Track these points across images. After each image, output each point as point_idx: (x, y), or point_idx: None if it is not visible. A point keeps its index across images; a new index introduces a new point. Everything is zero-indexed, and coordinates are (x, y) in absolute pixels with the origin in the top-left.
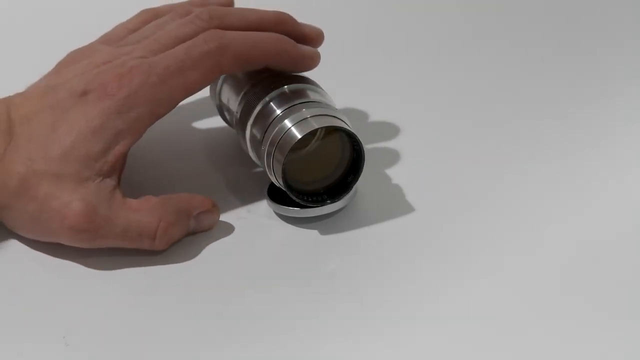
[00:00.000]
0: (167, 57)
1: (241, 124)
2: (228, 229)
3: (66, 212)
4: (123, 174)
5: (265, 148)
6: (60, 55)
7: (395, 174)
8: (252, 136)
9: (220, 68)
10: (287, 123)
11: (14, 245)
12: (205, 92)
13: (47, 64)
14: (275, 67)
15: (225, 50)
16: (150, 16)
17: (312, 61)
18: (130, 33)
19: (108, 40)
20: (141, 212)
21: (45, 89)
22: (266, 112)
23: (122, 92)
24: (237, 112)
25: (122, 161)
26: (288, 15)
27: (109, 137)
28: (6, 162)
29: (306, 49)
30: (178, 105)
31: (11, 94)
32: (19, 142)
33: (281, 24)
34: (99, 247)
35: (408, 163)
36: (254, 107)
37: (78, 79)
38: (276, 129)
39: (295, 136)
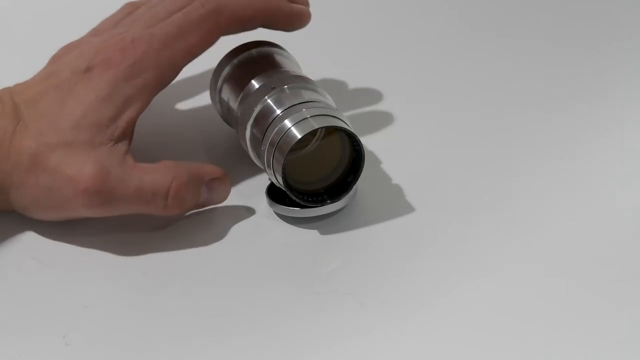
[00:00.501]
0: (167, 24)
1: (241, 123)
2: (228, 228)
3: (79, 175)
4: None
5: (265, 148)
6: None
7: (395, 174)
8: (252, 136)
9: (219, 29)
10: (287, 123)
11: (14, 245)
12: (205, 93)
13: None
14: (270, 26)
15: (222, 11)
16: (134, 7)
17: (304, 18)
18: (117, 24)
19: (97, 32)
20: (154, 173)
21: (46, 75)
22: (266, 112)
23: (127, 61)
24: (237, 112)
25: (132, 127)
26: None
27: (119, 103)
28: (16, 141)
29: (297, 6)
30: (178, 105)
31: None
32: (28, 122)
33: None
34: (111, 213)
35: (408, 163)
36: (254, 107)
37: (79, 58)
38: (276, 129)
39: (295, 136)
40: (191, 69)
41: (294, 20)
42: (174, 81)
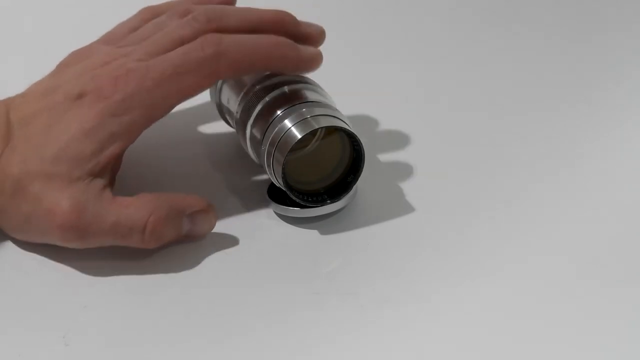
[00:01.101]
0: (164, 62)
1: (241, 123)
2: (228, 229)
3: (55, 210)
4: (121, 175)
5: (265, 148)
6: (62, 53)
7: (395, 174)
8: (252, 136)
9: (217, 74)
10: (287, 123)
11: (13, 245)
12: (205, 92)
13: (48, 63)
14: (275, 71)
15: (221, 57)
16: (150, 14)
17: (313, 63)
18: (130, 32)
19: (108, 39)
20: (131, 208)
21: (44, 91)
22: (266, 112)
23: (117, 95)
24: (237, 112)
25: (115, 163)
26: (288, 14)
27: (102, 139)
28: (2, 165)
29: (306, 51)
30: (178, 106)
31: (12, 94)
32: (17, 145)
33: (281, 24)
34: (90, 246)
35: (408, 163)
36: (254, 107)
37: (75, 81)
38: (276, 129)
39: (295, 136)
40: None
41: (301, 67)
42: None
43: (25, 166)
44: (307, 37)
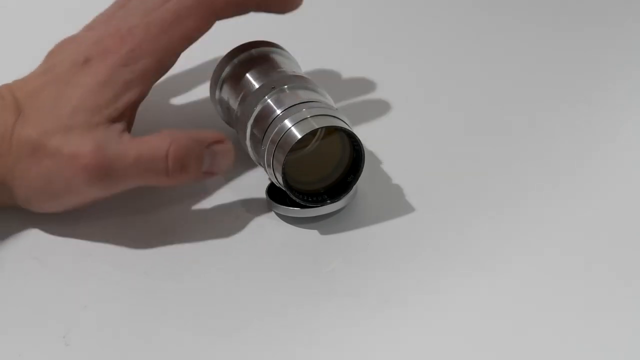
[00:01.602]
0: (162, 11)
1: (241, 123)
2: (228, 228)
3: (78, 152)
4: None
5: (265, 148)
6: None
7: (395, 174)
8: (252, 136)
9: (214, 13)
10: (287, 123)
11: (14, 244)
12: (206, 91)
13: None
14: (263, 9)
15: None
16: (127, 1)
17: (296, 0)
18: (111, 18)
19: (92, 27)
20: (152, 141)
21: (44, 70)
22: (266, 112)
23: (125, 48)
24: (237, 112)
25: (132, 111)
26: None
27: (118, 87)
28: (17, 133)
29: None
30: (178, 105)
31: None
32: (29, 114)
33: None
34: (117, 187)
35: (408, 163)
36: (254, 107)
37: (77, 51)
38: (276, 128)
39: (296, 136)
40: (191, 69)
41: (286, 2)
42: (174, 81)
43: (42, 127)
44: None
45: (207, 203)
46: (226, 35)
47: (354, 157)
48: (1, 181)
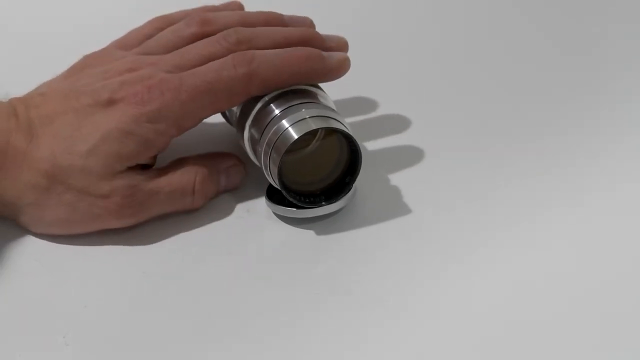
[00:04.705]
0: (196, 76)
1: (240, 123)
2: (227, 228)
3: (110, 195)
4: None
5: (262, 148)
6: (67, 55)
7: (395, 174)
8: (251, 136)
9: (248, 93)
10: (285, 123)
11: (14, 245)
12: None
13: (53, 63)
14: (305, 83)
15: (253, 77)
16: (164, 23)
17: (341, 70)
18: (145, 39)
19: (123, 45)
20: (177, 174)
21: (67, 92)
22: (265, 112)
23: (154, 104)
24: (236, 112)
25: (153, 160)
26: (314, 31)
27: (139, 142)
28: (29, 160)
29: (334, 60)
30: None
31: (18, 93)
32: (41, 141)
33: (307, 42)
34: (143, 219)
35: (408, 163)
36: (253, 107)
37: (102, 85)
38: (274, 128)
39: (292, 137)
40: None
41: (330, 76)
42: None
43: (55, 160)
44: (331, 50)
45: (206, 203)
46: None
47: (351, 158)
48: (10, 201)
